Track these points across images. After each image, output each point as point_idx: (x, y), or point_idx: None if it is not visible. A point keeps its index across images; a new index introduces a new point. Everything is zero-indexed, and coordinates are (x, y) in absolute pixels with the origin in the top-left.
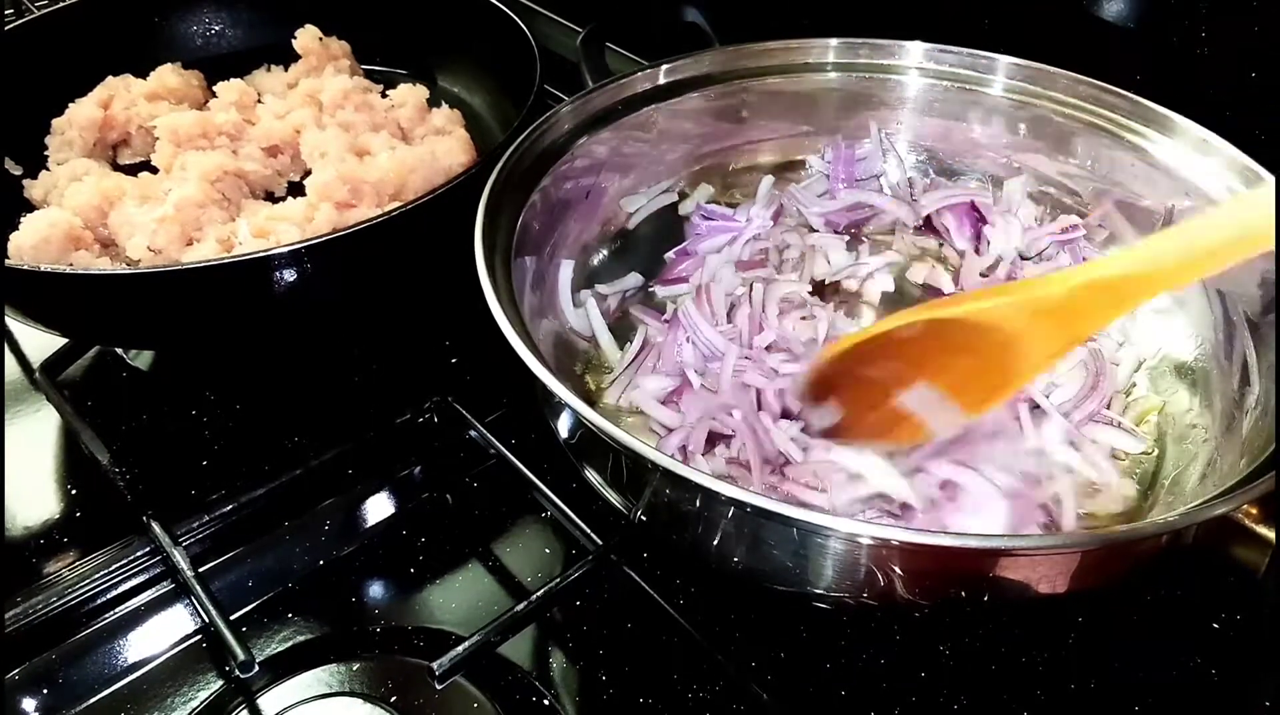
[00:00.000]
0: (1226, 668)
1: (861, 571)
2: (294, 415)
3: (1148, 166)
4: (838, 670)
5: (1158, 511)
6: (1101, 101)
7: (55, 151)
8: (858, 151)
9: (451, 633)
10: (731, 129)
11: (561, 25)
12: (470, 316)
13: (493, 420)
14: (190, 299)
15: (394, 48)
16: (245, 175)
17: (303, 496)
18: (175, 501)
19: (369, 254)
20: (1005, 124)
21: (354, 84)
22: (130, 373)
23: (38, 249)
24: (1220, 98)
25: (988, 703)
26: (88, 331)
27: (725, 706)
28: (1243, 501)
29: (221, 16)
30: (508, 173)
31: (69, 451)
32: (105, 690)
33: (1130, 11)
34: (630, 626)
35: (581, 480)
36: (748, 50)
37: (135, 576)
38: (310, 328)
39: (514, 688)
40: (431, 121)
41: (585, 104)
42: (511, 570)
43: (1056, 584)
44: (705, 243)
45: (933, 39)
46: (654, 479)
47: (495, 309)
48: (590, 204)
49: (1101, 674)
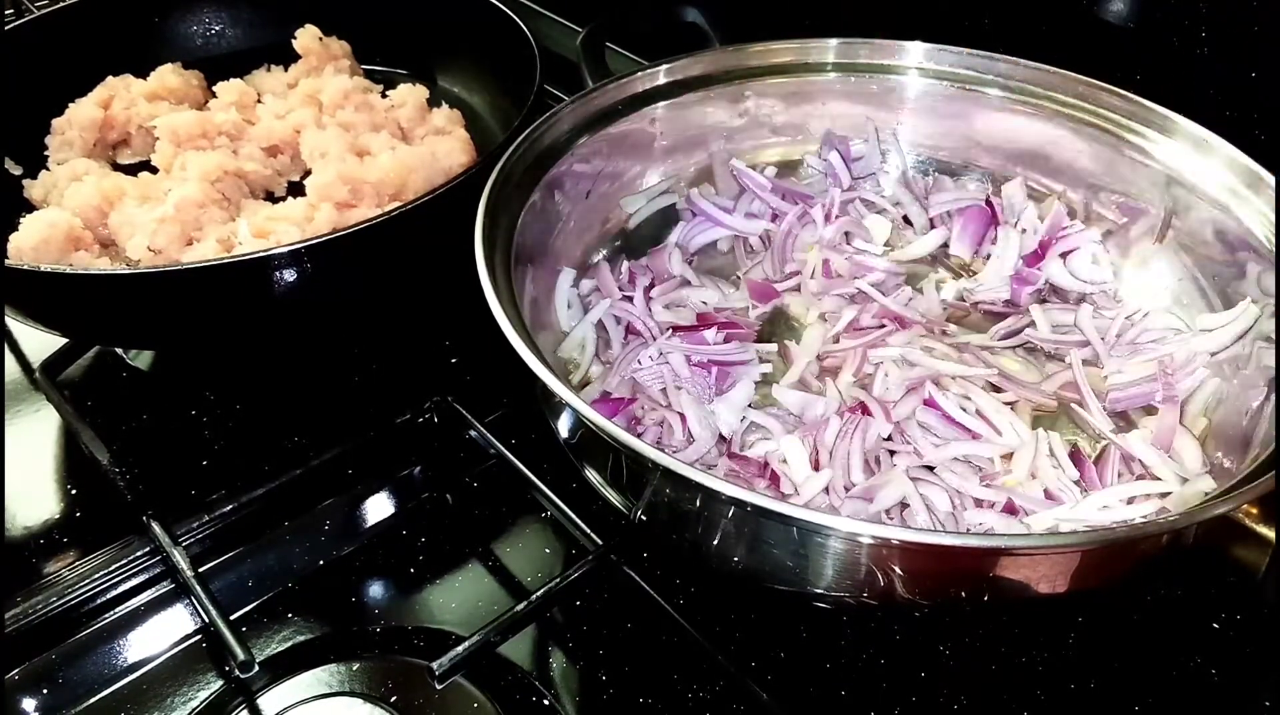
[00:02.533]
0: (1226, 668)
1: (861, 571)
2: (294, 415)
3: (1148, 166)
4: (838, 670)
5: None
6: (1101, 101)
7: (55, 151)
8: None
9: (451, 633)
10: (731, 129)
11: (561, 25)
12: (470, 316)
13: (493, 420)
14: (190, 299)
15: (394, 48)
16: (245, 175)
17: (303, 496)
18: (175, 501)
19: (369, 254)
20: (1005, 124)
21: (354, 84)
22: (130, 373)
23: (38, 250)
24: (1220, 98)
25: (988, 703)
26: (88, 331)
27: (725, 706)
28: (1243, 501)
29: (221, 16)
30: (508, 173)
31: (69, 451)
32: (105, 690)
33: (1130, 11)
34: (630, 626)
35: (581, 480)
36: (748, 50)
37: (135, 576)
38: (310, 327)
39: (514, 688)
40: (431, 121)
41: (585, 104)
42: (511, 570)
43: (1056, 584)
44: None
45: (933, 39)
46: (654, 479)
47: (495, 308)
48: (590, 204)
49: (1101, 674)
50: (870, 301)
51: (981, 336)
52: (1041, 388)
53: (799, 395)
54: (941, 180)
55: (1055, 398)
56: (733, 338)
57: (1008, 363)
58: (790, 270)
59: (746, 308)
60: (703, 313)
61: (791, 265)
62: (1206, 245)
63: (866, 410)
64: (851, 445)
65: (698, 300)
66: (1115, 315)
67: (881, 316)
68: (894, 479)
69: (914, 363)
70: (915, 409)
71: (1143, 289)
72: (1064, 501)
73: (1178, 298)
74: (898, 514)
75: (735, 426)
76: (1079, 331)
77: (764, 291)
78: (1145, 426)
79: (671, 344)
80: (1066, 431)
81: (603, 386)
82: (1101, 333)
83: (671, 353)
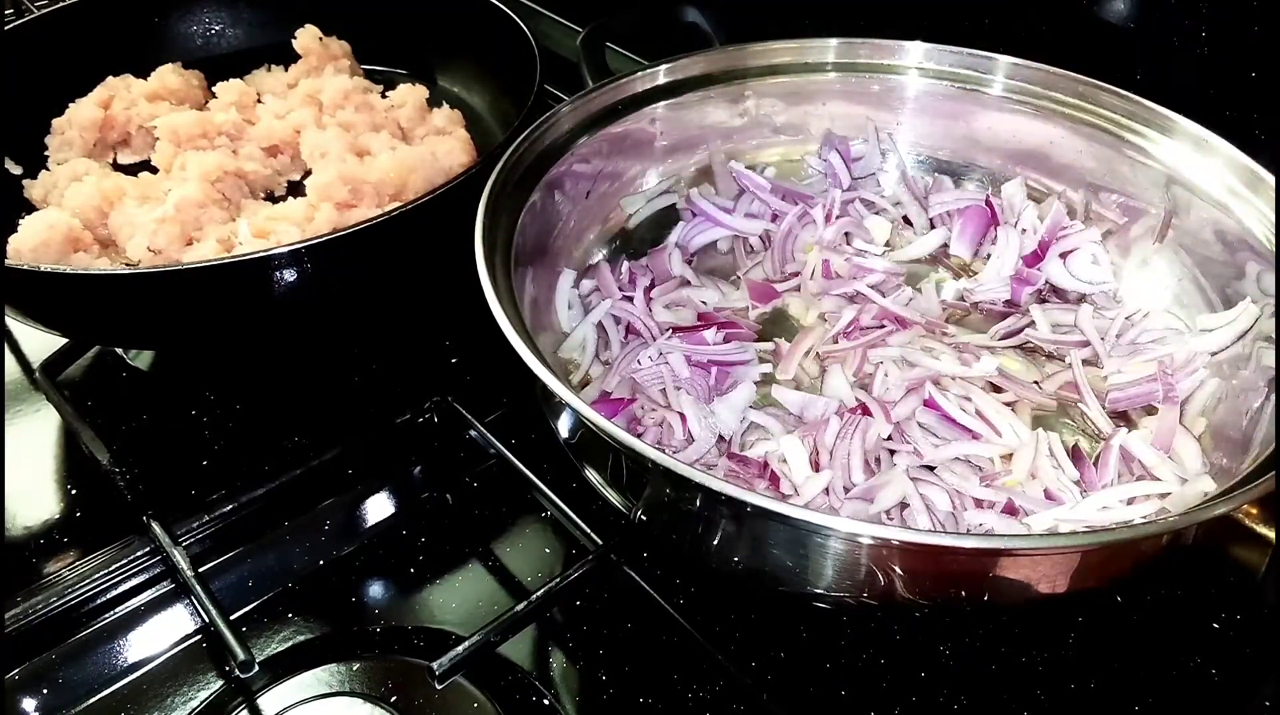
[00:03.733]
0: (1226, 668)
1: (861, 571)
2: (294, 415)
3: (1148, 166)
4: (838, 670)
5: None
6: (1101, 101)
7: (55, 151)
8: (854, 151)
9: (451, 633)
10: (731, 129)
11: (561, 25)
12: (470, 316)
13: (493, 420)
14: (190, 299)
15: (394, 48)
16: (245, 175)
17: (303, 496)
18: (175, 501)
19: (369, 254)
20: (1005, 124)
21: (354, 84)
22: (130, 373)
23: (37, 251)
24: (1220, 98)
25: (988, 703)
26: (88, 332)
27: (725, 706)
28: (1243, 501)
29: (222, 16)
30: (508, 173)
31: (69, 451)
32: (105, 690)
33: (1130, 11)
34: (630, 626)
35: (581, 480)
36: (748, 50)
37: (135, 576)
38: (310, 328)
39: (514, 688)
40: (431, 121)
41: (585, 104)
42: (511, 570)
43: (1056, 584)
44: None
45: (933, 39)
46: (654, 479)
47: (495, 308)
48: (590, 204)
49: (1101, 674)
50: (870, 302)
51: (981, 336)
52: (1042, 388)
53: (799, 395)
54: (941, 180)
55: (1055, 398)
56: (733, 338)
57: (1008, 363)
58: (790, 270)
59: (746, 308)
60: (703, 313)
61: (791, 265)
62: (1206, 245)
63: (866, 410)
64: (851, 445)
65: (698, 300)
66: (1115, 315)
67: (881, 317)
68: (894, 479)
69: (914, 363)
70: (915, 409)
71: (1143, 289)
72: (1064, 502)
73: (1178, 298)
74: (898, 514)
75: (735, 427)
76: (1079, 331)
77: (764, 292)
78: (1145, 426)
79: (671, 344)
80: (1066, 431)
81: (602, 387)
82: (1101, 333)
83: (671, 353)
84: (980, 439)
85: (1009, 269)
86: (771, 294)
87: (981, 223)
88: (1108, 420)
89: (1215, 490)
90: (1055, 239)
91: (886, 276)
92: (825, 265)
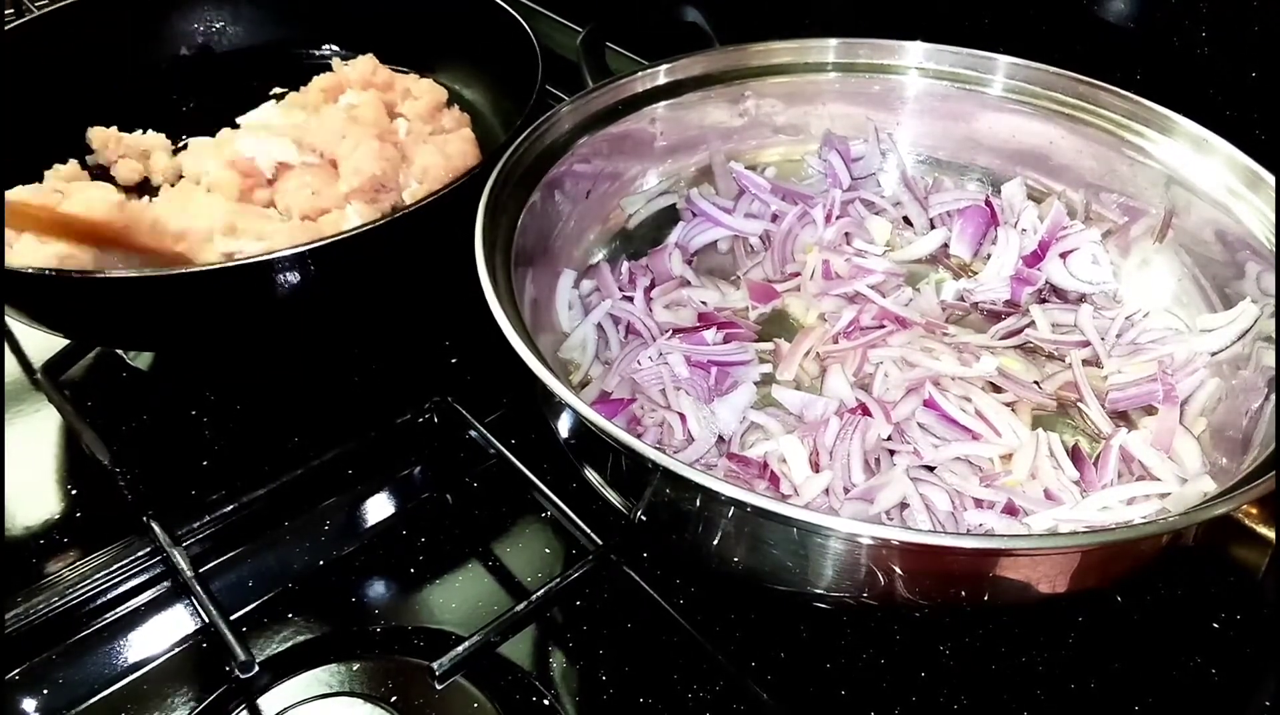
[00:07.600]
0: (1226, 668)
1: (861, 571)
2: (294, 415)
3: (1148, 166)
4: (838, 670)
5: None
6: (1101, 101)
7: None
8: (854, 151)
9: (451, 633)
10: (731, 129)
11: (562, 25)
12: (470, 316)
13: (493, 420)
14: (193, 302)
15: (395, 47)
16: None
17: (303, 496)
18: (175, 502)
19: (371, 256)
20: (1005, 124)
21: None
22: (131, 373)
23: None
24: (1220, 98)
25: (988, 703)
26: (89, 333)
27: (725, 706)
28: (1243, 501)
29: (223, 14)
30: (508, 172)
31: (69, 452)
32: (105, 690)
33: (1130, 11)
34: (630, 626)
35: (581, 480)
36: (748, 50)
37: (135, 577)
38: (312, 329)
39: (514, 688)
40: (441, 122)
41: (585, 104)
42: (511, 570)
43: (1056, 584)
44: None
45: (933, 39)
46: (654, 479)
47: (495, 308)
48: (590, 204)
49: (1101, 674)
50: (870, 302)
51: (981, 337)
52: (1041, 388)
53: (799, 395)
54: (941, 180)
55: (1055, 398)
56: (733, 338)
57: (1008, 363)
58: (790, 271)
59: (746, 308)
60: (703, 313)
61: (791, 266)
62: (1206, 245)
63: (866, 411)
64: (851, 446)
65: (698, 300)
66: (1115, 315)
67: (881, 317)
68: (894, 480)
69: (914, 363)
70: (915, 409)
71: (1143, 289)
72: (1064, 502)
73: (1178, 298)
74: (898, 514)
75: (735, 427)
76: (1079, 331)
77: (764, 292)
78: (1145, 426)
79: (671, 344)
80: (1066, 431)
81: (602, 387)
82: (1101, 333)
83: (671, 353)
84: (980, 439)
85: (1009, 269)
86: (771, 294)
87: (981, 223)
88: (1108, 420)
89: (1215, 490)
90: (1055, 239)
91: (886, 277)
92: (825, 265)
